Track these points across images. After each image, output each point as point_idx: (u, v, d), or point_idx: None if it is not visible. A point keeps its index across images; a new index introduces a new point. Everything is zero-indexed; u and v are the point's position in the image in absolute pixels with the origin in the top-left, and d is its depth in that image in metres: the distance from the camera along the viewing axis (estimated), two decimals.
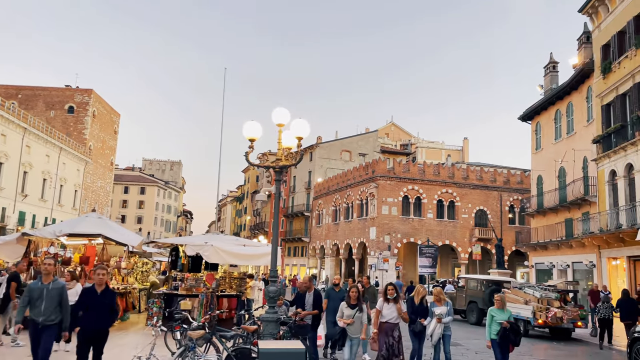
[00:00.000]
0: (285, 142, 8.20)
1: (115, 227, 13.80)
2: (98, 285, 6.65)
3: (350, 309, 7.81)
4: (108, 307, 6.60)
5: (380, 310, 8.13)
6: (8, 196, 47.85)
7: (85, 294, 6.67)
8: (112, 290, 6.84)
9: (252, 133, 8.18)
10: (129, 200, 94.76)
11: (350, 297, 7.88)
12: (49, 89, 69.53)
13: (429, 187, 45.08)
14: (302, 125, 7.98)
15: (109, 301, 6.63)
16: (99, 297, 6.51)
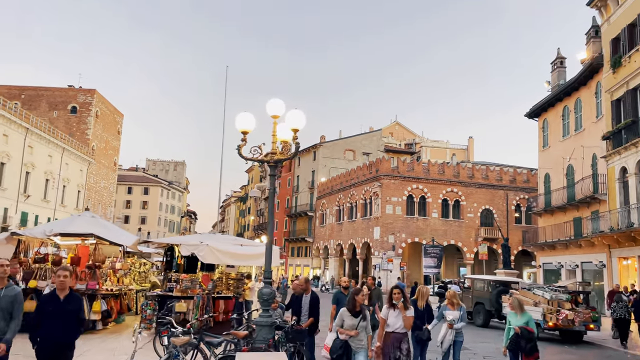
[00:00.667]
0: (281, 135, 7.72)
1: (109, 227, 13.34)
2: (60, 290, 5.45)
3: (353, 318, 6.37)
4: (73, 315, 5.47)
5: (385, 319, 6.84)
6: (10, 197, 47.63)
7: (45, 302, 5.51)
8: (77, 296, 5.64)
9: (245, 125, 7.69)
10: (133, 201, 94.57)
11: (354, 302, 6.39)
12: (51, 89, 69.38)
13: (433, 186, 44.48)
14: (297, 117, 7.48)
15: (74, 308, 5.47)
16: (62, 303, 5.37)
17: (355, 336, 6.31)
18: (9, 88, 66.28)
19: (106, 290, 12.86)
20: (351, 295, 6.43)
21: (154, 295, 12.16)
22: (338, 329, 6.41)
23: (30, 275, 11.62)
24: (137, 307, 16.11)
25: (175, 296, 11.98)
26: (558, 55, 30.87)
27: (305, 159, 63.81)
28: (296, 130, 7.51)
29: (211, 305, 11.75)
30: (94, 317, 11.83)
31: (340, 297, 8.54)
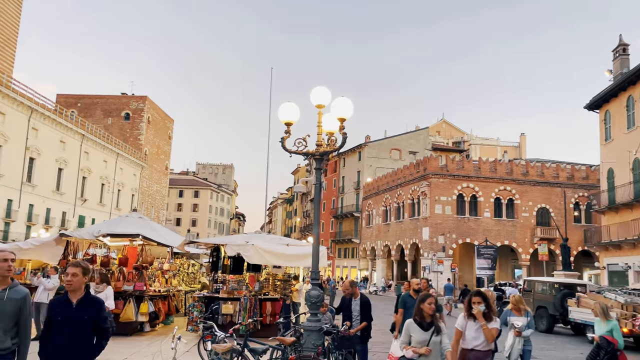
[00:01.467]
0: (327, 126, 7.22)
1: (156, 228, 13.29)
2: (72, 293, 4.09)
3: (423, 331, 4.95)
4: (88, 325, 4.06)
5: (462, 332, 5.46)
6: (68, 201, 49.65)
7: (54, 307, 4.14)
8: (95, 300, 4.23)
9: (289, 116, 7.24)
10: (184, 204, 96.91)
11: (423, 312, 4.98)
12: (106, 97, 72.09)
13: (485, 185, 42.81)
14: (344, 105, 6.96)
15: (90, 316, 4.06)
16: (74, 310, 4.02)
17: (427, 354, 4.89)
18: (66, 97, 69.38)
19: (154, 292, 12.78)
20: (417, 303, 5.07)
21: (200, 296, 11.95)
22: (404, 347, 5.03)
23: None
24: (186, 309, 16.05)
25: (222, 297, 11.71)
26: (620, 42, 28.89)
27: (350, 159, 63.20)
28: (343, 120, 6.99)
29: (258, 307, 11.40)
30: (141, 319, 11.74)
31: (408, 301, 7.45)
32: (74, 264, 4.19)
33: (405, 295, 7.73)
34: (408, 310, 7.05)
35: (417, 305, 5.06)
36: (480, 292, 5.39)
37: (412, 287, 7.72)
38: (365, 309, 7.46)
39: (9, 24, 48.21)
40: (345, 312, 7.62)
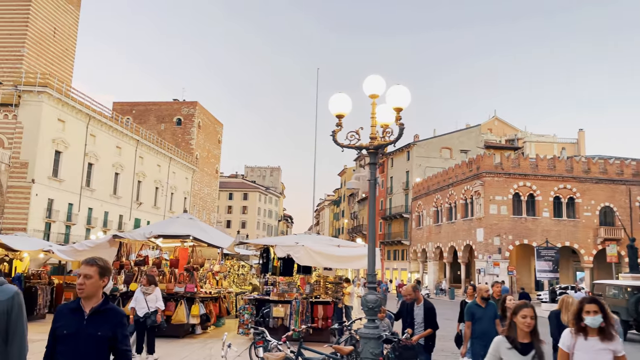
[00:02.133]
0: (381, 117, 6.74)
1: (206, 228, 13.20)
2: (85, 300, 3.06)
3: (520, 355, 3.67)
4: (102, 345, 3.03)
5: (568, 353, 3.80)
6: (124, 204, 51.40)
7: (60, 317, 3.13)
8: (115, 312, 3.14)
9: (340, 108, 6.80)
10: (234, 206, 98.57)
11: (517, 329, 3.70)
12: (159, 104, 74.38)
13: (543, 183, 40.81)
14: (400, 93, 6.44)
15: (106, 333, 3.03)
16: (85, 323, 3.02)
17: None
18: (121, 104, 72.10)
19: (205, 294, 12.67)
20: (509, 319, 3.79)
21: (251, 299, 11.71)
22: None
23: (131, 278, 11.71)
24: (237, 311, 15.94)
25: (273, 300, 11.42)
26: None
27: (398, 159, 62.10)
28: (399, 110, 6.48)
29: (309, 311, 11.02)
30: (192, 321, 11.64)
31: (477, 312, 6.26)
32: (87, 262, 3.14)
33: (471, 304, 6.46)
34: (478, 323, 6.14)
35: (509, 319, 3.88)
36: (595, 299, 3.85)
37: (481, 295, 6.48)
38: (430, 316, 6.82)
39: (68, 35, 50.46)
40: (405, 319, 7.06)
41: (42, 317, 14.80)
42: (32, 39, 45.35)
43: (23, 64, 43.68)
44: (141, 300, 8.85)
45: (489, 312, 6.19)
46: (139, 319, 8.72)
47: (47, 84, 39.22)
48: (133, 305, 8.83)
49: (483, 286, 6.55)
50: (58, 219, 40.41)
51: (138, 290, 8.94)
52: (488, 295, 6.34)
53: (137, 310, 8.76)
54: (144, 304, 8.83)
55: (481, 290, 6.52)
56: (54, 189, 40.01)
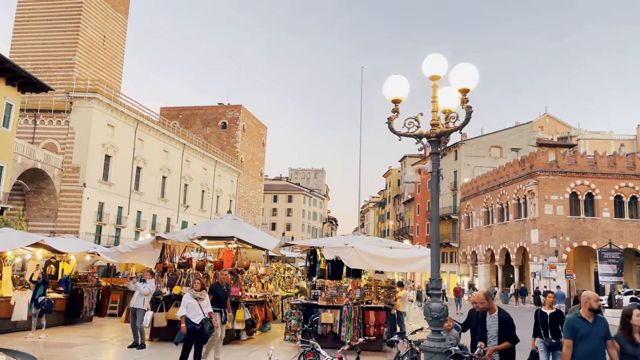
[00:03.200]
0: (443, 101, 5.95)
1: (250, 229, 12.69)
2: None
3: None
4: None
5: None
6: (172, 207, 52.24)
7: None
8: None
9: (396, 92, 6.06)
10: (278, 209, 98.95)
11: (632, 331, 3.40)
12: (204, 108, 75.55)
13: (602, 181, 38.36)
14: (466, 72, 5.64)
15: None
16: None
17: None
18: (168, 109, 73.73)
19: (250, 297, 12.16)
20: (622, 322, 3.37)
21: (298, 303, 11.07)
22: None
23: (174, 281, 11.32)
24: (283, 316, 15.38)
25: (321, 305, 10.74)
26: None
27: (445, 158, 60.28)
28: (466, 91, 5.67)
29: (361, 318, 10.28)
30: (237, 327, 11.13)
31: (582, 328, 4.86)
32: None
33: (574, 318, 4.98)
34: (583, 342, 4.75)
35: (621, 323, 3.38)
36: None
37: (589, 305, 4.94)
38: (507, 328, 5.87)
39: (116, 43, 51.88)
40: (475, 330, 6.18)
41: (89, 320, 14.73)
42: (83, 47, 46.83)
43: (74, 71, 45.14)
44: (195, 306, 8.23)
45: (598, 328, 4.78)
46: (194, 326, 8.05)
47: (96, 90, 40.26)
48: (184, 313, 8.10)
49: (591, 294, 5.06)
50: (108, 222, 41.37)
51: (189, 296, 8.29)
52: (598, 307, 4.92)
53: (192, 318, 8.11)
54: (198, 310, 8.22)
55: (590, 299, 4.98)
56: (104, 193, 40.99)
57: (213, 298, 8.97)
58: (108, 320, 15.58)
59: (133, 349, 10.12)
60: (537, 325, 7.13)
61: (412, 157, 75.46)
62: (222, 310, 9.08)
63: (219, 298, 9.10)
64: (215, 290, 9.21)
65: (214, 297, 9.02)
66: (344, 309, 10.08)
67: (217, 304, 8.98)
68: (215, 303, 8.94)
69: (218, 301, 9.04)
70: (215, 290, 9.23)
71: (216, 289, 9.25)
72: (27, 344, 10.73)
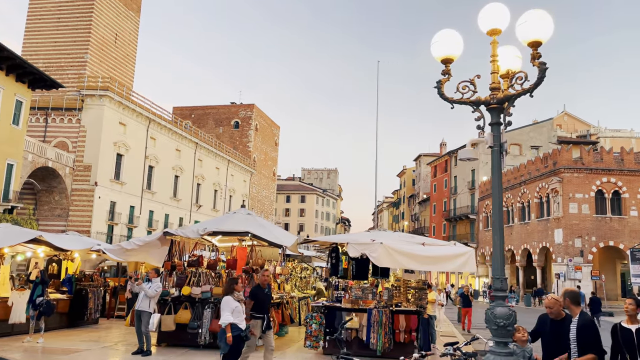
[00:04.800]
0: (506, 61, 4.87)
1: (266, 225, 11.66)
2: None
3: None
4: None
5: None
6: (184, 207, 51.52)
7: None
8: None
9: (447, 49, 5.00)
10: (291, 209, 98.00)
11: None
12: (217, 107, 74.93)
13: (630, 179, 36.75)
14: (538, 20, 4.54)
15: None
16: None
17: None
18: (181, 109, 73.22)
19: None
20: None
21: (319, 306, 10.01)
22: None
23: (183, 281, 10.32)
24: (300, 318, 14.33)
25: (345, 308, 9.67)
26: None
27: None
28: (537, 45, 4.57)
29: (391, 322, 9.18)
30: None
31: None
32: None
33: None
34: None
35: None
36: None
37: None
38: (590, 335, 4.63)
39: (128, 41, 51.38)
40: (548, 341, 5.02)
41: (94, 322, 13.78)
42: (95, 45, 46.39)
43: (86, 69, 44.70)
44: (241, 311, 7.11)
45: None
46: (240, 333, 6.87)
47: (108, 87, 39.65)
48: (230, 320, 6.83)
49: None
50: (120, 222, 40.72)
51: (232, 300, 7.04)
52: None
53: (239, 324, 6.94)
54: (243, 315, 7.15)
55: None
56: (116, 192, 40.35)
57: (255, 303, 7.78)
58: (115, 323, 14.67)
59: (137, 356, 9.14)
60: (617, 346, 4.91)
61: (427, 156, 74.08)
62: (265, 316, 7.80)
63: (261, 303, 7.80)
64: (256, 294, 7.87)
65: (256, 302, 7.78)
66: (374, 312, 8.99)
67: (259, 309, 7.72)
68: (257, 309, 7.73)
69: (260, 306, 7.76)
70: (257, 294, 7.89)
71: (257, 293, 7.90)
72: (23, 349, 9.83)
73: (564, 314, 4.97)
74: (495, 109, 4.88)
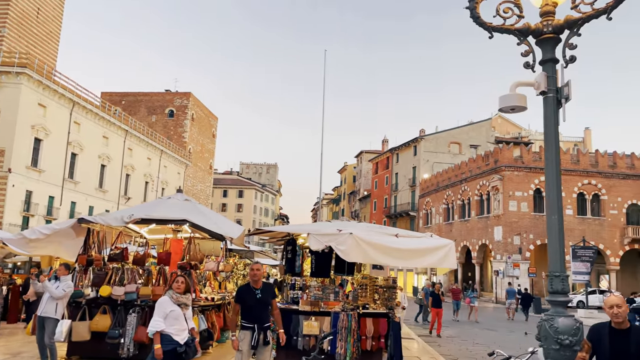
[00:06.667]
0: None
1: (207, 213, 9.84)
2: None
3: None
4: None
5: None
6: (111, 199, 47.76)
7: None
8: None
9: None
10: (228, 204, 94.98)
11: None
12: (150, 94, 70.79)
13: (566, 178, 37.76)
14: None
15: None
16: None
17: None
18: (110, 94, 68.41)
19: (205, 300, 9.36)
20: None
21: None
22: None
23: (102, 279, 8.32)
24: None
25: (303, 311, 8.11)
26: None
27: (404, 154, 59.05)
28: None
29: (357, 327, 7.73)
30: None
31: None
32: None
33: None
34: None
35: None
36: None
37: None
38: None
39: (52, 17, 46.89)
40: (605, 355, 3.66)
41: None
42: (14, 19, 41.84)
43: (3, 45, 40.13)
44: (178, 316, 5.38)
45: None
46: (175, 348, 5.21)
47: (26, 65, 35.62)
48: (162, 327, 5.19)
49: None
50: (37, 213, 36.80)
51: (168, 301, 5.29)
52: None
53: (174, 335, 5.27)
54: (183, 324, 5.43)
55: None
56: (33, 180, 36.40)
57: (242, 309, 5.91)
58: (19, 328, 12.26)
59: None
60: None
61: (369, 152, 73.97)
62: (257, 326, 5.89)
63: (250, 308, 5.91)
64: (243, 296, 5.93)
65: (243, 306, 5.92)
66: (341, 316, 7.49)
67: (248, 317, 5.90)
68: (246, 316, 5.91)
69: (250, 313, 5.91)
70: (244, 295, 5.93)
71: (245, 294, 5.93)
72: None
73: (629, 323, 3.67)
74: (549, 41, 3.53)
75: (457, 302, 21.31)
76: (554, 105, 3.51)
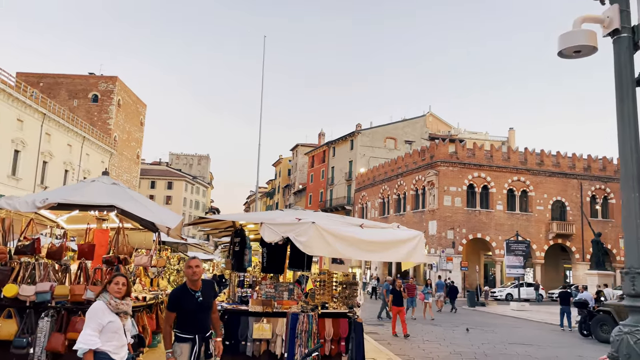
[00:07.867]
0: None
1: (138, 198, 8.46)
2: None
3: None
4: None
5: None
6: (26, 187, 43.62)
7: None
8: None
9: None
10: (156, 196, 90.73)
11: None
12: (71, 77, 65.91)
13: (497, 175, 39.03)
14: None
15: None
16: None
17: None
18: (26, 75, 62.82)
19: (136, 300, 8.02)
20: None
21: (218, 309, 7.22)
22: None
23: (7, 276, 6.77)
24: None
25: (253, 312, 7.03)
26: None
27: (340, 148, 58.88)
28: None
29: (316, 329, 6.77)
30: None
31: None
32: None
33: None
34: None
35: None
36: None
37: None
38: None
39: None
40: None
41: None
42: None
43: None
44: (117, 329, 4.11)
45: None
46: None
47: None
48: (93, 344, 3.97)
49: None
50: None
51: (104, 308, 4.09)
52: None
53: (112, 352, 4.08)
54: (122, 338, 4.23)
55: None
56: None
57: (178, 316, 4.74)
58: None
59: None
60: None
61: (304, 146, 73.26)
62: (198, 337, 4.74)
63: (189, 315, 4.76)
64: (180, 301, 4.76)
65: (180, 313, 4.74)
66: (301, 318, 6.50)
67: (186, 326, 4.73)
68: (184, 324, 4.74)
69: (188, 320, 4.76)
70: (181, 299, 4.76)
71: (182, 297, 4.77)
72: None
73: None
74: None
75: (412, 299, 20.37)
76: (630, 48, 2.75)
